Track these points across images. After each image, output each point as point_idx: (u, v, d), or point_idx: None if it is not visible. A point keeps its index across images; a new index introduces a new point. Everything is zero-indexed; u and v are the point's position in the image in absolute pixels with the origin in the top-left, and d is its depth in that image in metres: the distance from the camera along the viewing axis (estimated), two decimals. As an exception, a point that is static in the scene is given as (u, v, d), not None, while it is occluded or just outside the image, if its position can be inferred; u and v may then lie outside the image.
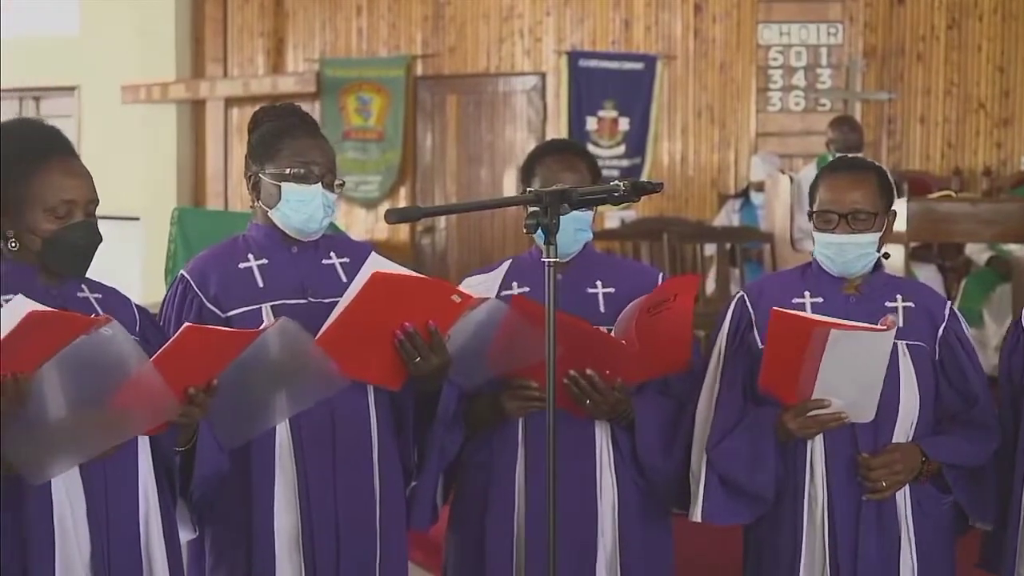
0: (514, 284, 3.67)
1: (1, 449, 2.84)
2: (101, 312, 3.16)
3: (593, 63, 11.25)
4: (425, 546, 5.27)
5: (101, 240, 3.14)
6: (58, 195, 3.06)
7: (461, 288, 3.47)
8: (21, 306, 2.73)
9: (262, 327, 3.14)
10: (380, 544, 3.55)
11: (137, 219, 11.56)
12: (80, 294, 3.17)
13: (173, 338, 2.98)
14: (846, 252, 3.47)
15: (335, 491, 3.49)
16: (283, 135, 3.51)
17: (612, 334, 3.54)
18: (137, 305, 3.31)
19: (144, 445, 3.15)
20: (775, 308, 3.37)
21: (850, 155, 5.55)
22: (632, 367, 3.49)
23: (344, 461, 3.50)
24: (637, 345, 3.42)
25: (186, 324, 3.00)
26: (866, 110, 10.97)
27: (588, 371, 3.47)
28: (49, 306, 2.95)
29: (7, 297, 3.02)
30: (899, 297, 3.53)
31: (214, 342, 3.06)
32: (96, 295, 3.20)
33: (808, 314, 3.43)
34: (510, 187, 11.39)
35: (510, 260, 3.74)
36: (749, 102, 11.32)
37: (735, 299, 3.64)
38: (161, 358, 2.97)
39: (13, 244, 3.07)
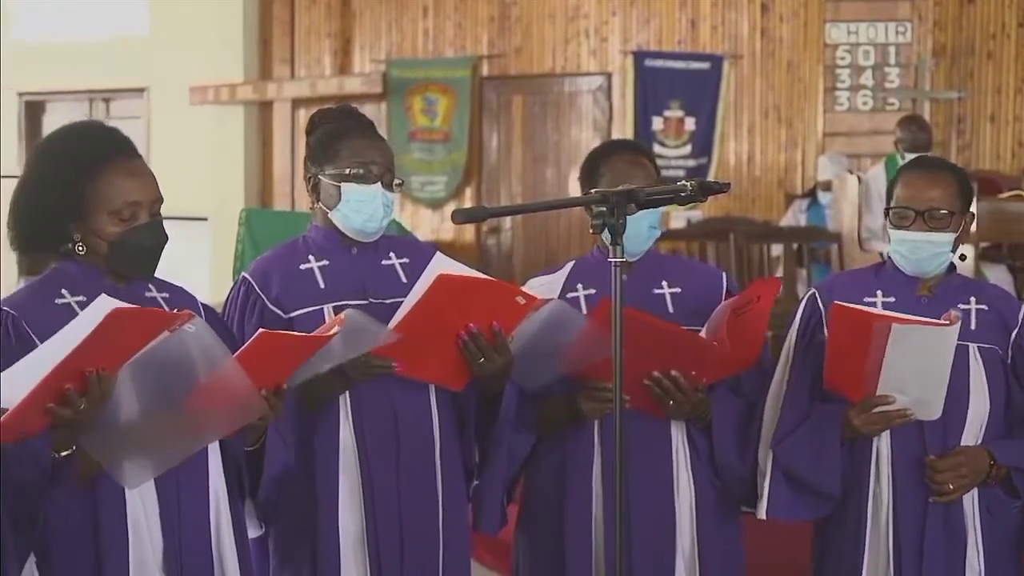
0: (579, 285, 3.66)
1: (86, 449, 2.86)
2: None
3: (659, 63, 11.21)
4: (493, 547, 5.27)
5: (167, 240, 3.15)
6: (122, 197, 3.08)
7: (525, 289, 3.47)
8: (104, 304, 2.75)
9: (333, 331, 3.15)
10: (443, 543, 3.56)
11: (205, 219, 11.64)
12: (148, 293, 3.19)
13: (248, 343, 2.99)
14: (921, 250, 3.44)
15: (399, 491, 3.50)
16: (341, 136, 3.52)
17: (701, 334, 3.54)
18: (204, 304, 3.32)
19: (214, 445, 3.16)
20: (836, 302, 3.36)
21: (928, 155, 5.51)
22: (712, 367, 3.48)
23: (407, 461, 3.51)
24: (729, 346, 3.41)
25: (261, 330, 3.00)
26: (935, 109, 10.88)
27: (673, 372, 3.46)
28: None
29: (78, 299, 3.05)
30: (972, 299, 3.50)
31: (287, 346, 3.08)
32: (164, 294, 3.22)
33: (869, 308, 3.41)
34: (575, 187, 11.32)
35: (573, 261, 3.73)
36: (816, 101, 11.25)
37: (806, 297, 3.63)
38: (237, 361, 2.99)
39: (80, 248, 3.09)
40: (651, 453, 3.53)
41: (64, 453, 2.85)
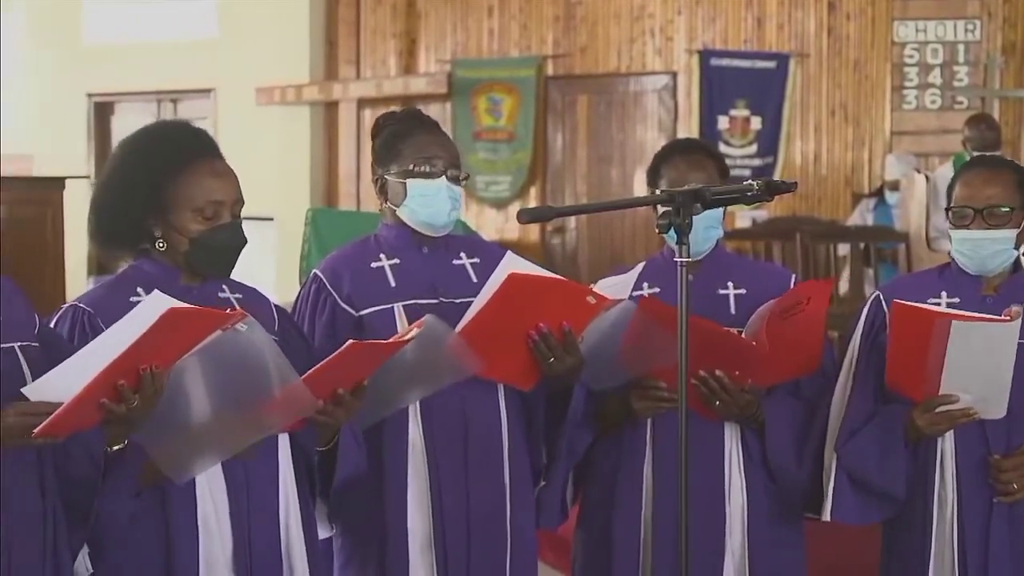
0: (644, 285, 3.65)
1: (137, 442, 2.89)
2: (242, 313, 3.21)
3: (725, 62, 11.16)
4: (556, 546, 5.27)
5: (246, 241, 3.18)
6: (206, 196, 3.11)
7: (596, 289, 3.47)
8: (159, 302, 2.77)
9: (411, 335, 3.17)
10: (511, 544, 3.56)
11: (271, 219, 11.70)
12: (221, 294, 3.22)
13: (336, 353, 3.01)
14: (981, 248, 3.41)
15: (467, 491, 3.51)
16: (405, 135, 3.56)
17: (743, 335, 3.52)
18: (276, 305, 3.35)
19: (284, 443, 3.18)
20: (896, 301, 3.34)
21: (987, 154, 5.47)
22: (762, 369, 3.46)
23: (475, 461, 3.51)
24: (767, 347, 3.40)
25: (350, 341, 3.03)
26: (1004, 108, 10.76)
27: (717, 372, 3.45)
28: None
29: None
30: None
31: (371, 352, 3.10)
32: (236, 295, 3.24)
33: (929, 306, 3.39)
34: (640, 187, 11.35)
35: (644, 263, 3.72)
36: (884, 100, 11.16)
37: (870, 299, 3.60)
38: (321, 370, 3.02)
39: (161, 244, 3.13)
40: (703, 456, 3.50)
41: (116, 447, 2.89)
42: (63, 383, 2.69)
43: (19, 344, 2.86)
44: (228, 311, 2.85)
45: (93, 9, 13.37)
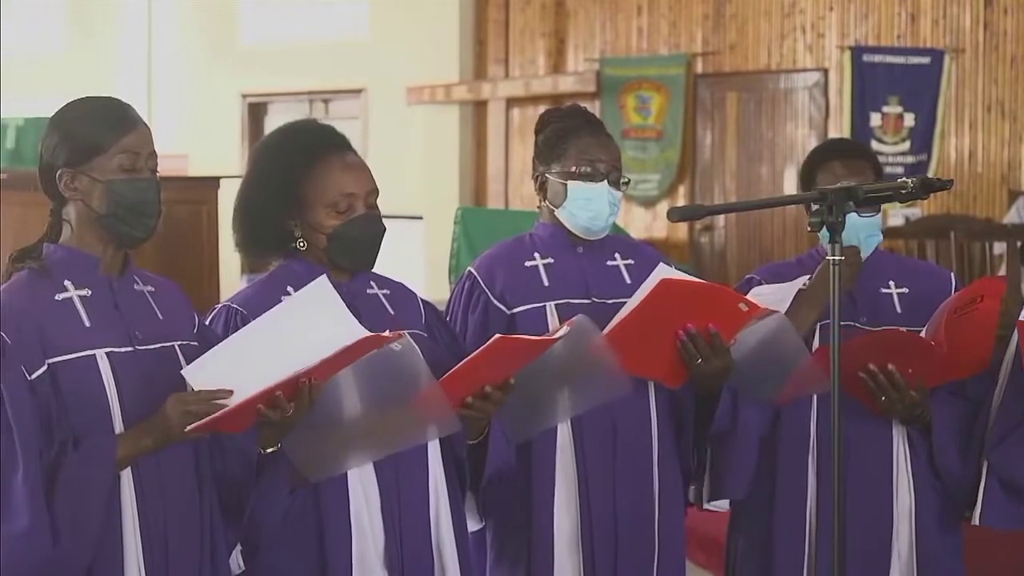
0: (805, 279, 3.61)
1: (286, 448, 2.94)
2: (390, 308, 3.24)
3: (877, 58, 11.00)
4: (707, 547, 5.25)
5: (384, 231, 3.20)
6: (337, 189, 3.14)
7: (750, 298, 3.44)
8: (321, 287, 2.83)
9: (560, 334, 3.17)
10: (659, 546, 3.54)
11: (420, 218, 11.80)
12: (369, 290, 3.25)
13: (484, 347, 3.03)
14: None
15: (615, 492, 3.50)
16: (569, 135, 3.55)
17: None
18: (423, 300, 3.37)
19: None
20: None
21: None
22: (936, 369, 3.40)
23: (624, 462, 3.50)
24: (946, 347, 3.34)
25: (497, 335, 3.04)
26: None
27: (889, 366, 3.39)
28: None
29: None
30: None
31: (519, 348, 3.11)
32: (384, 291, 3.28)
33: None
34: (791, 185, 11.23)
35: (806, 277, 3.63)
36: (1042, 96, 10.93)
37: (1031, 299, 3.52)
38: (469, 364, 3.04)
39: (302, 244, 3.17)
40: (870, 455, 3.47)
41: (269, 450, 2.93)
42: (217, 368, 2.75)
43: (179, 343, 2.92)
44: (385, 334, 2.88)
45: (248, 11, 13.60)
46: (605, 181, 3.51)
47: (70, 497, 2.68)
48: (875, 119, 11.02)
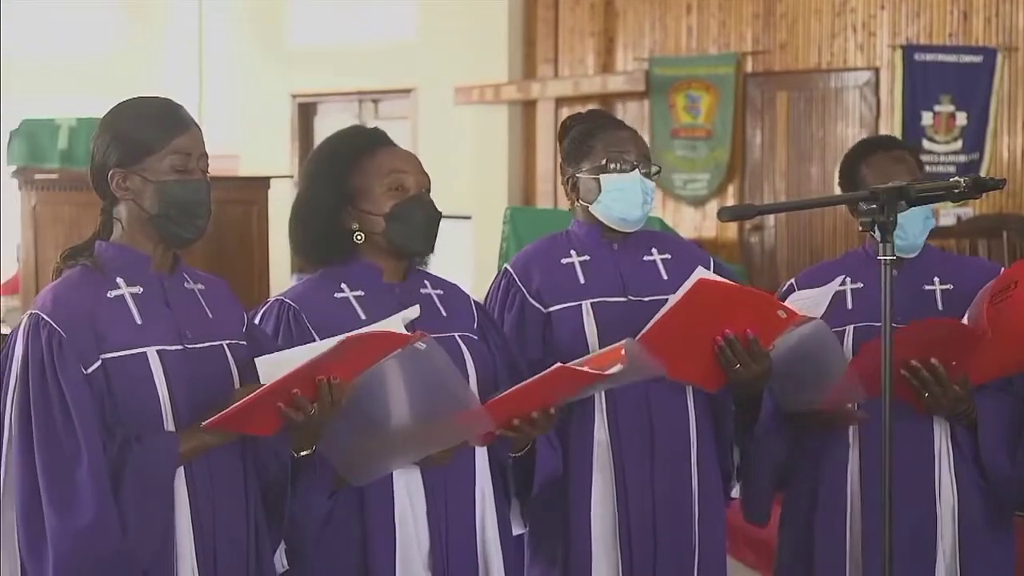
0: (848, 281, 3.60)
1: (321, 451, 2.95)
2: (443, 309, 3.24)
3: (929, 56, 10.93)
4: (757, 547, 5.23)
5: (440, 215, 3.21)
6: (388, 167, 3.17)
7: (788, 303, 3.42)
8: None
9: (614, 371, 3.10)
10: (698, 546, 3.53)
11: (469, 218, 11.81)
12: (423, 290, 3.26)
13: (544, 374, 3.02)
14: None
15: (653, 491, 3.49)
16: (595, 132, 3.57)
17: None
18: (476, 302, 3.38)
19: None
20: None
21: None
22: (980, 361, 3.36)
23: (662, 461, 3.50)
24: (989, 332, 3.29)
25: (558, 364, 3.03)
26: None
27: (933, 360, 3.36)
28: (392, 304, 3.05)
29: (357, 293, 3.15)
30: None
31: (574, 379, 3.08)
32: (438, 291, 3.28)
33: None
34: (841, 185, 11.16)
35: (841, 277, 3.61)
36: (1096, 95, 10.83)
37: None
38: (521, 390, 3.04)
39: (359, 237, 3.18)
40: (911, 453, 3.44)
41: (304, 453, 2.94)
42: (288, 366, 2.76)
43: (227, 342, 2.93)
44: (408, 333, 2.88)
45: (297, 12, 13.65)
46: (636, 170, 3.51)
47: (136, 491, 2.71)
48: (927, 118, 10.94)
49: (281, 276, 9.39)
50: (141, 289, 2.85)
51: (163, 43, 14.35)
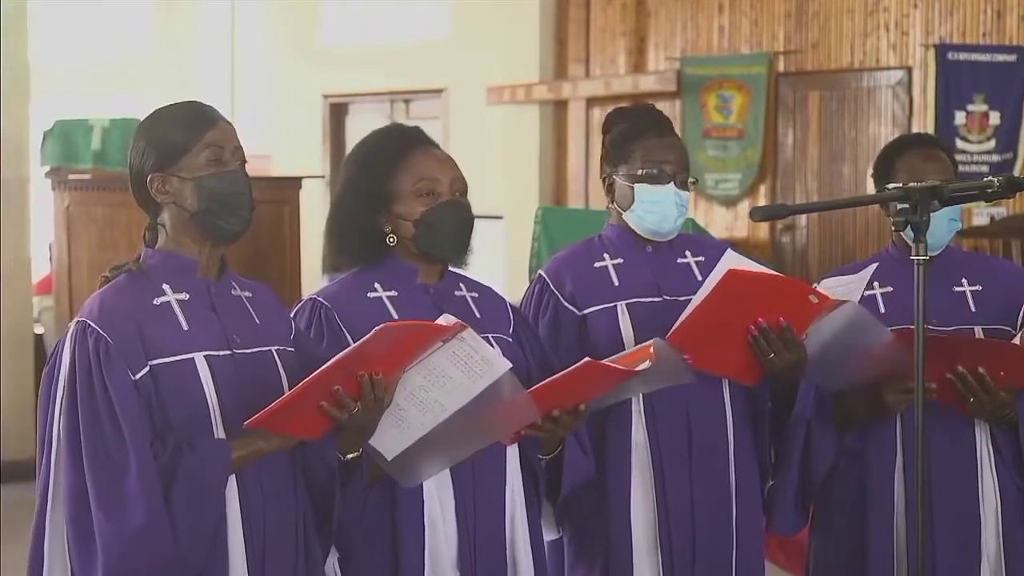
0: (876, 284, 3.58)
1: (368, 452, 2.94)
2: (477, 311, 3.24)
3: (962, 56, 10.88)
4: (788, 548, 5.21)
5: (473, 219, 3.21)
6: (421, 174, 3.16)
7: (819, 289, 3.41)
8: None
9: (643, 367, 3.12)
10: (737, 542, 3.53)
11: (500, 218, 11.81)
12: (457, 292, 3.26)
13: (571, 368, 3.02)
14: None
15: (691, 489, 3.49)
16: (635, 137, 3.54)
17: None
18: (511, 305, 3.37)
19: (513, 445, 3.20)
20: None
21: None
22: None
23: (700, 458, 3.49)
24: None
25: (586, 359, 3.04)
26: None
27: (980, 369, 3.33)
28: (426, 304, 3.05)
29: (390, 293, 3.15)
30: None
31: (603, 374, 3.09)
32: (473, 294, 3.28)
33: None
34: (873, 185, 11.11)
35: (876, 264, 3.62)
36: None
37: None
38: (550, 385, 3.04)
39: (391, 239, 3.18)
40: (954, 456, 3.43)
41: (351, 456, 2.93)
42: None
43: (276, 348, 2.93)
44: (446, 324, 2.87)
45: (329, 12, 13.67)
46: (672, 183, 3.49)
47: (188, 498, 2.70)
48: (960, 117, 10.89)
49: (313, 276, 9.39)
50: (187, 295, 2.85)
51: (195, 44, 14.40)
